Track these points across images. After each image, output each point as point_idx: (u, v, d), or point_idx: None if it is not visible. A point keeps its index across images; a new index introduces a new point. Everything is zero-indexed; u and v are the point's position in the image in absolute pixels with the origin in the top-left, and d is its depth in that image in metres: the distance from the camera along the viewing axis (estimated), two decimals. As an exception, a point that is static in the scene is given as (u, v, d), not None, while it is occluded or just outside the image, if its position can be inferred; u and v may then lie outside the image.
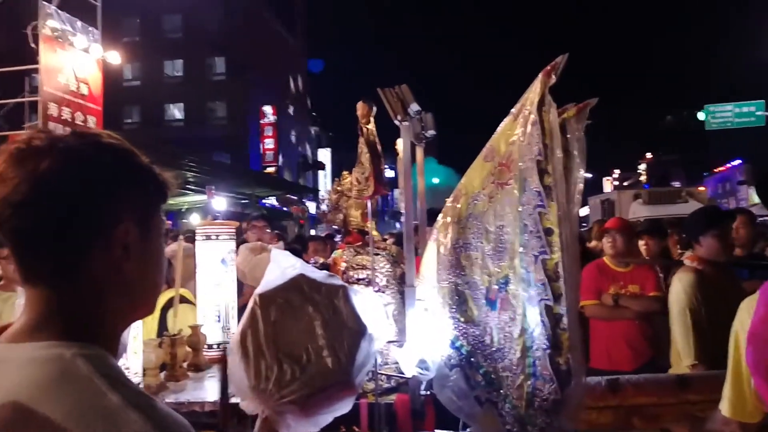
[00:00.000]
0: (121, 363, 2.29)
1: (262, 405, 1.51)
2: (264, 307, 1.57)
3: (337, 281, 1.72)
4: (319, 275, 1.69)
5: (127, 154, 0.97)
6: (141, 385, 2.46)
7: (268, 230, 5.05)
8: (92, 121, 12.80)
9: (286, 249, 5.27)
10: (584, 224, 13.64)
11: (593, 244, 6.64)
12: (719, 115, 23.67)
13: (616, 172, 51.06)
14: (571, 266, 2.13)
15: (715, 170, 45.44)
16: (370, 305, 1.69)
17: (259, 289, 1.62)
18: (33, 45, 11.49)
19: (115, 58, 13.51)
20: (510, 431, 2.10)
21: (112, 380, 0.85)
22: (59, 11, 11.97)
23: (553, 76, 2.16)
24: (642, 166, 47.82)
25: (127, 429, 0.81)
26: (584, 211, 21.37)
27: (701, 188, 20.16)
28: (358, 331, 1.57)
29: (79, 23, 12.52)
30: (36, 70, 11.80)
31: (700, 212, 4.20)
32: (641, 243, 5.98)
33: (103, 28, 13.23)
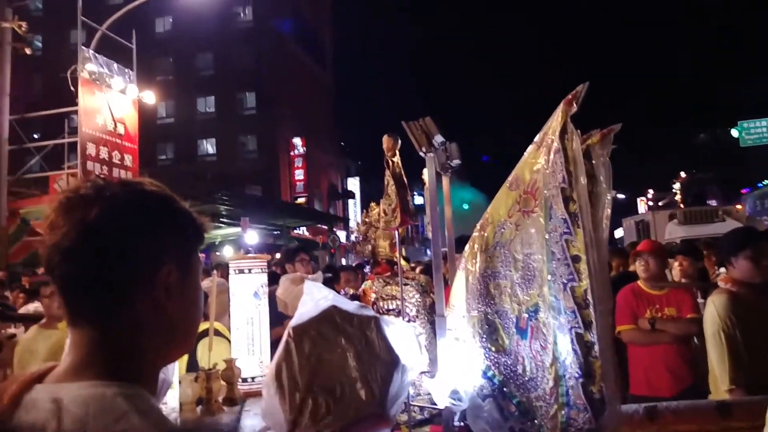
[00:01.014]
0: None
1: (298, 439, 1.52)
2: (298, 339, 1.59)
3: (370, 312, 1.74)
4: (352, 306, 1.71)
5: (168, 201, 1.03)
6: (178, 421, 2.50)
7: (307, 262, 5.18)
8: (129, 159, 13.16)
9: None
10: (619, 245, 13.40)
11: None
12: (754, 130, 23.23)
13: (650, 192, 50.20)
14: (601, 293, 2.12)
15: (752, 187, 44.42)
16: (403, 336, 1.70)
17: (293, 322, 1.65)
18: (72, 88, 11.90)
19: (150, 97, 13.93)
20: (545, 461, 2.08)
21: (149, 417, 0.89)
22: (97, 55, 12.40)
23: (575, 105, 2.17)
24: (676, 186, 46.96)
25: None
26: (619, 233, 21.04)
27: (738, 206, 19.67)
28: (391, 362, 1.58)
29: (115, 65, 12.96)
30: (75, 112, 12.21)
31: (733, 233, 4.11)
32: (676, 264, 5.88)
33: (137, 69, 13.66)
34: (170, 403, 2.50)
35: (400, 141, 2.55)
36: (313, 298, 1.71)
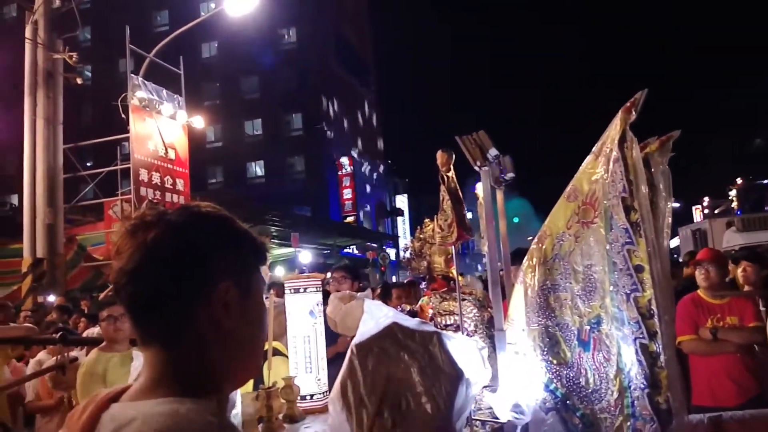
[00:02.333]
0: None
1: (366, 454, 1.54)
2: (361, 356, 1.61)
3: (430, 328, 1.75)
4: (412, 323, 1.72)
5: (224, 221, 1.06)
6: (241, 438, 2.54)
7: (348, 280, 5.11)
8: (180, 184, 13.45)
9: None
10: (675, 255, 13.06)
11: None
12: (812, 134, 22.41)
13: (706, 200, 48.66)
14: (665, 302, 2.08)
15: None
16: (466, 350, 1.70)
17: (355, 340, 1.67)
18: (123, 115, 12.26)
19: (199, 122, 14.23)
20: (613, 475, 2.04)
21: (222, 429, 0.92)
22: (146, 82, 12.76)
23: (633, 113, 2.15)
24: (732, 192, 45.45)
25: None
26: (675, 242, 20.49)
27: (798, 212, 18.96)
28: (455, 376, 1.59)
29: (164, 92, 13.29)
30: (126, 139, 12.57)
31: None
32: (739, 270, 5.69)
33: (185, 94, 13.98)
34: (233, 420, 2.55)
35: (454, 156, 2.56)
36: (374, 316, 1.73)
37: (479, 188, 2.52)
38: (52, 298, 10.84)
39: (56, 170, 12.31)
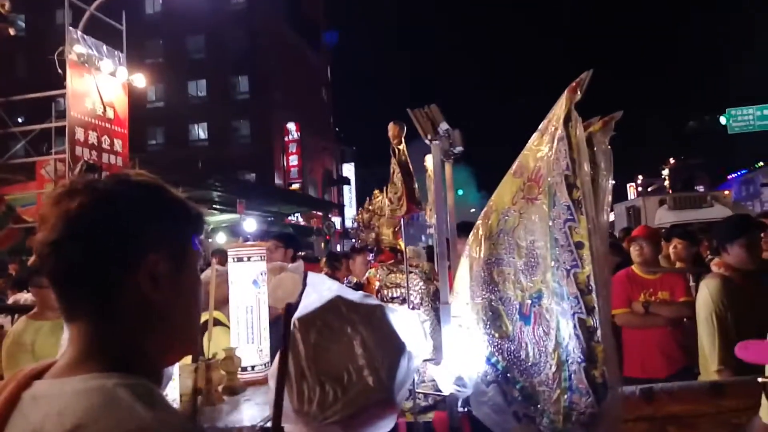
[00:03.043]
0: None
1: (306, 427, 1.53)
2: (304, 330, 1.60)
3: (374, 301, 1.75)
4: (356, 296, 1.72)
5: (155, 190, 1.02)
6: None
7: (281, 249, 5.02)
8: (119, 144, 12.95)
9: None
10: (610, 231, 13.45)
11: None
12: (741, 118, 23.48)
13: (640, 178, 50.39)
14: (603, 278, 2.14)
15: (737, 173, 44.75)
16: (408, 323, 1.71)
17: (297, 313, 1.65)
18: (59, 70, 11.68)
19: (140, 80, 13.68)
20: (549, 446, 2.10)
21: (151, 404, 0.88)
22: (85, 37, 12.16)
23: (579, 93, 2.17)
24: (665, 171, 47.15)
25: None
26: (610, 218, 21.11)
27: (726, 192, 19.90)
28: (397, 349, 1.60)
29: (104, 47, 12.70)
30: (62, 96, 11.98)
31: (728, 220, 4.25)
32: (671, 247, 5.93)
33: (127, 52, 13.41)
34: (170, 394, 2.50)
35: (405, 128, 2.54)
36: (317, 289, 1.71)
37: (428, 161, 2.52)
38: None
39: (-18, 125, 11.68)
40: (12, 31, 12.10)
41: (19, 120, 16.03)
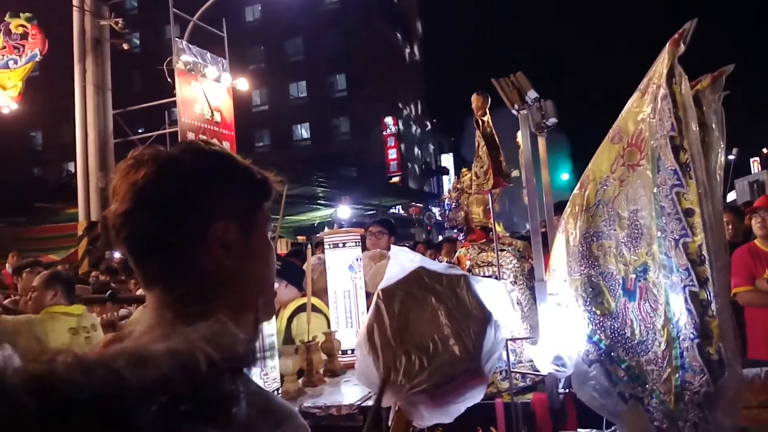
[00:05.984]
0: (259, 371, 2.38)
1: (393, 397, 1.51)
2: (387, 301, 1.57)
3: (458, 271, 1.69)
4: (440, 267, 1.67)
5: (220, 157, 1.01)
6: (280, 391, 2.55)
7: (386, 235, 4.96)
8: (227, 146, 13.55)
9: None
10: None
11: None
12: None
13: (765, 150, 46.76)
14: (718, 248, 1.94)
15: None
16: (494, 293, 1.64)
17: (381, 285, 1.62)
18: (169, 80, 12.40)
19: (243, 84, 14.29)
20: (659, 428, 1.94)
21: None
22: (190, 46, 12.84)
23: (682, 45, 1.99)
24: (792, 143, 43.47)
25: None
26: (731, 196, 19.80)
27: None
28: (483, 318, 1.53)
29: (208, 55, 13.37)
30: (173, 103, 12.74)
31: None
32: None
33: (230, 58, 14.04)
34: (271, 374, 2.56)
35: (489, 99, 2.44)
36: (400, 261, 1.68)
37: (520, 135, 2.40)
38: (117, 255, 11.20)
39: (107, 135, 12.62)
40: (125, 47, 12.96)
41: (140, 130, 17.15)
